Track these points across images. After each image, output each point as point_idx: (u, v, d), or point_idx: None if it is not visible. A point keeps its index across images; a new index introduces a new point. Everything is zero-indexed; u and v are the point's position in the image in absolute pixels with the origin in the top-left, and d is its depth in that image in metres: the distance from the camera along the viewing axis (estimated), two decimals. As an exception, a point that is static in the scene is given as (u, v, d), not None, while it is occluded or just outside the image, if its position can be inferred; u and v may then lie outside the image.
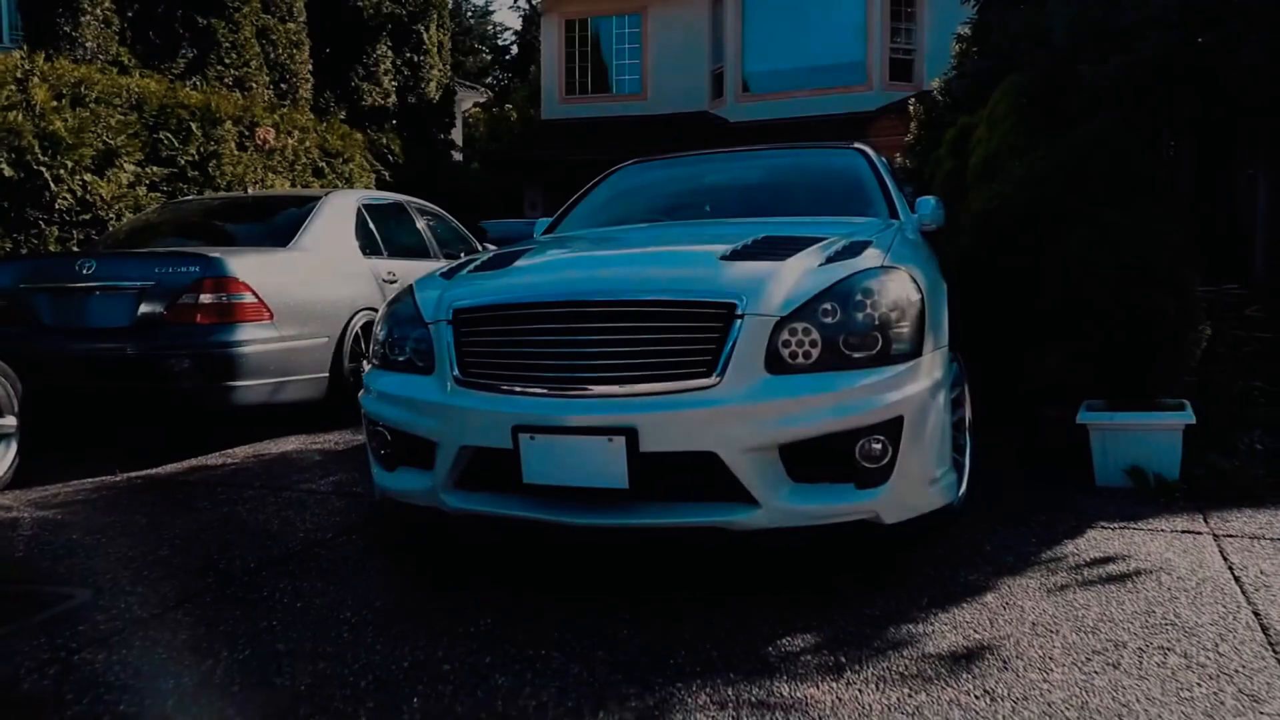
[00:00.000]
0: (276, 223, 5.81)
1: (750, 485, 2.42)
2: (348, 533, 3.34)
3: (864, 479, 2.48)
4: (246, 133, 8.12)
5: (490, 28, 41.63)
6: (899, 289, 2.61)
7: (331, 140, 9.60)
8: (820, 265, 2.68)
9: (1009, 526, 3.12)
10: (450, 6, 17.59)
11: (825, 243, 2.91)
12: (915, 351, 2.57)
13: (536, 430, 2.48)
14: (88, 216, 6.35)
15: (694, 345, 2.45)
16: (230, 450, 4.93)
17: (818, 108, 16.18)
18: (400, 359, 2.93)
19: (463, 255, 5.98)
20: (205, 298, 4.75)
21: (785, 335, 2.47)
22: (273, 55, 10.02)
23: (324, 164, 9.36)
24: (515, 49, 40.02)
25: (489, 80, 37.80)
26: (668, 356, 2.45)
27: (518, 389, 2.56)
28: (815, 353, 2.48)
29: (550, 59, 19.60)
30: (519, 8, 45.86)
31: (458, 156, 17.29)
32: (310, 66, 10.86)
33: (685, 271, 2.74)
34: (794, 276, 2.59)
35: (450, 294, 2.83)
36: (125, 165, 6.61)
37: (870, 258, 2.74)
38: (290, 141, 8.68)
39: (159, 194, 7.07)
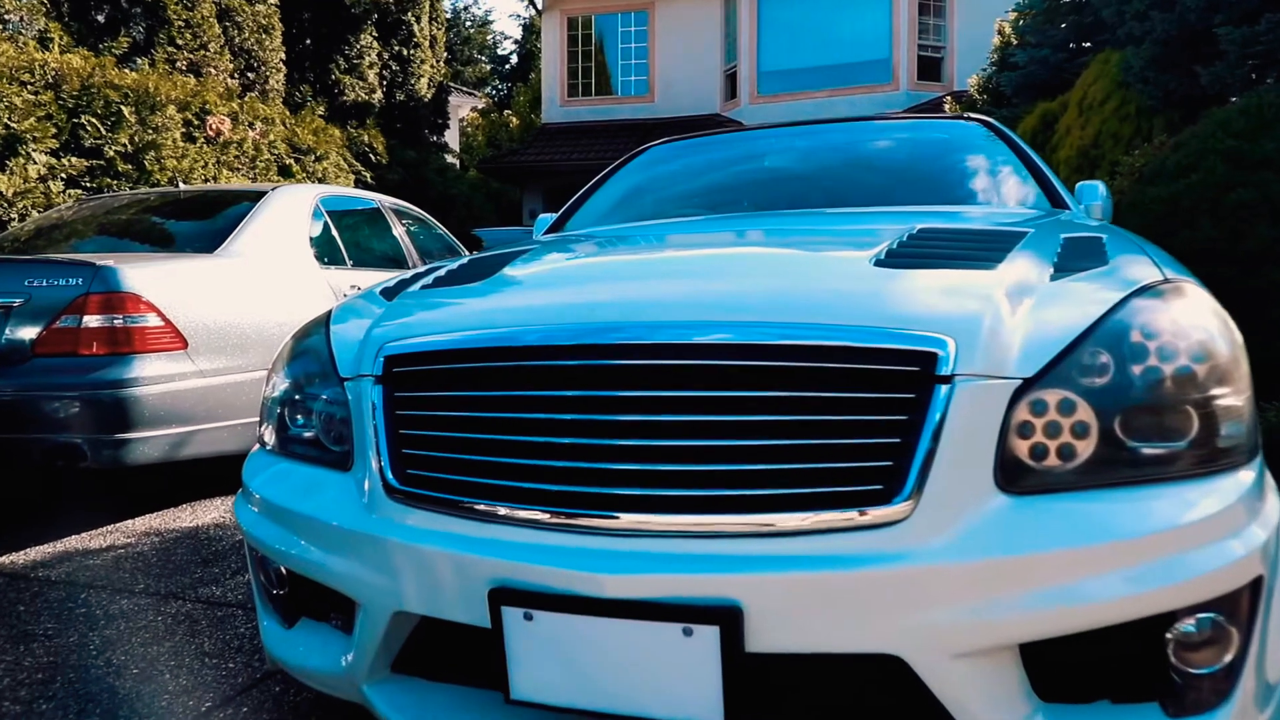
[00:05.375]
0: (206, 223, 4.59)
1: (967, 716, 1.19)
2: (240, 697, 2.11)
3: (1182, 697, 1.25)
4: (196, 122, 6.91)
5: (490, 37, 40.74)
6: (1205, 323, 1.37)
7: (302, 135, 8.36)
8: (1054, 280, 1.46)
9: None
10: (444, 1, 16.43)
11: (1027, 239, 1.70)
12: (1252, 443, 1.35)
13: (537, 601, 1.25)
14: (-19, 216, 5.13)
15: (852, 437, 1.22)
16: (127, 523, 3.69)
17: (839, 109, 15.03)
18: (302, 435, 1.70)
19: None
20: (91, 320, 3.52)
21: (1026, 415, 1.25)
22: (238, 40, 8.80)
23: (292, 161, 8.12)
24: (515, 59, 39.11)
25: (488, 90, 36.91)
26: (798, 459, 1.22)
27: (500, 510, 1.33)
28: (1085, 450, 1.25)
29: (551, 59, 18.44)
30: (520, 18, 45.07)
31: (451, 161, 16.08)
32: (283, 55, 9.65)
33: (819, 288, 1.46)
34: (1026, 301, 1.37)
35: (384, 327, 1.60)
36: (34, 154, 5.38)
37: (1134, 266, 1.52)
38: (251, 134, 7.46)
39: (80, 191, 5.85)
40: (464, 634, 1.36)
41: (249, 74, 9.06)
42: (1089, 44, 8.80)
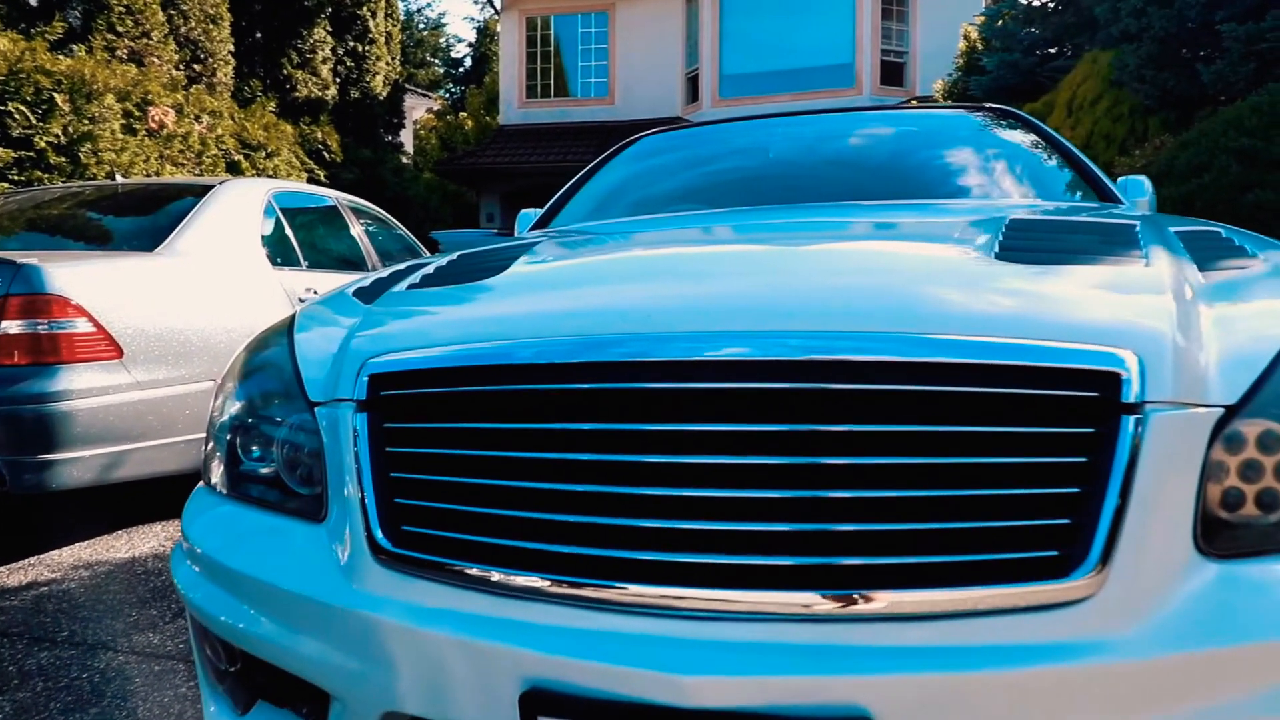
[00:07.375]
0: (146, 219, 4.19)
1: None
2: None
3: None
4: (138, 113, 6.45)
5: (443, 40, 40.20)
6: None
7: (252, 130, 7.91)
8: (1208, 280, 1.18)
9: None
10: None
11: (1141, 231, 1.43)
12: None
13: (587, 711, 0.92)
14: (-108, 211, 4.64)
15: (1010, 487, 0.91)
16: (51, 555, 3.28)
17: (803, 114, 14.87)
18: (258, 471, 1.35)
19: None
20: (10, 325, 3.11)
21: (1222, 454, 0.96)
22: (183, 29, 8.31)
23: (241, 157, 7.67)
24: (469, 62, 38.64)
25: (441, 93, 36.43)
26: (933, 516, 0.91)
27: (531, 583, 1.00)
28: (1291, 496, 0.97)
29: (509, 60, 18.07)
30: (474, 20, 44.60)
31: (406, 162, 15.62)
32: (231, 46, 9.16)
33: (930, 289, 1.12)
34: (1201, 306, 1.08)
35: (364, 337, 1.26)
36: (-47, 144, 4.91)
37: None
38: (197, 128, 7.01)
39: (6, 184, 5.38)
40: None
41: (195, 65, 8.57)
42: (1054, 49, 8.70)
